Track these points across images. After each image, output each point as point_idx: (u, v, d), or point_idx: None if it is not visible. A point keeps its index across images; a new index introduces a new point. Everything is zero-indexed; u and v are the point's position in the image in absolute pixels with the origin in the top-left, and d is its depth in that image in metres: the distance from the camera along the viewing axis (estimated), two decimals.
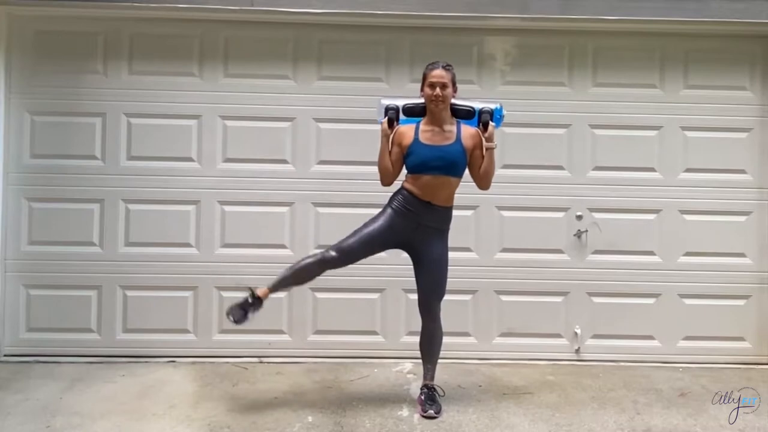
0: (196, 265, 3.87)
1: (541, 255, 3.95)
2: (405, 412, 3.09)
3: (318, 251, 3.05)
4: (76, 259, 3.83)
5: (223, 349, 3.86)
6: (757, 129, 3.98)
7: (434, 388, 3.13)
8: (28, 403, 3.14)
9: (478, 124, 3.05)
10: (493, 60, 3.96)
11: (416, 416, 3.03)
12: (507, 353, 3.92)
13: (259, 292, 3.02)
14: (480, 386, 3.47)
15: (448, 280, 3.86)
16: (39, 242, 3.83)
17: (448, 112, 3.04)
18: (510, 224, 3.94)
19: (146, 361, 3.75)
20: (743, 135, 3.98)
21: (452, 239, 3.79)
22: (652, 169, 3.97)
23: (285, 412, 3.06)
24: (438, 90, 2.96)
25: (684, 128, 3.97)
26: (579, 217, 3.95)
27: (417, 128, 3.04)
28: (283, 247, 3.90)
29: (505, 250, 3.95)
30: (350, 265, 3.08)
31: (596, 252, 3.96)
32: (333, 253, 2.97)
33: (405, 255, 3.17)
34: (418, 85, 3.89)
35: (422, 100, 3.06)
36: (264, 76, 3.90)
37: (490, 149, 3.00)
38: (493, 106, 3.07)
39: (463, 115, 3.08)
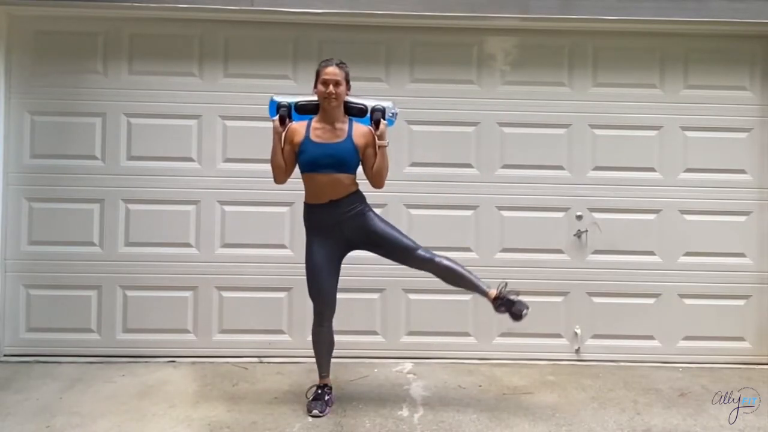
0: (196, 265, 3.87)
1: (541, 255, 3.95)
2: (405, 412, 3.09)
3: (314, 320, 3.11)
4: (76, 259, 3.84)
5: (223, 349, 3.86)
6: (757, 129, 3.98)
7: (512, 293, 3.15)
8: (28, 403, 3.14)
9: (371, 122, 3.05)
10: (493, 60, 3.96)
11: (416, 416, 3.03)
12: (507, 353, 3.92)
13: (318, 381, 3.15)
14: (480, 386, 3.47)
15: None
16: (39, 242, 3.83)
17: (341, 110, 3.04)
18: (510, 224, 3.95)
19: (146, 361, 3.75)
20: (743, 135, 3.98)
21: (452, 239, 3.81)
22: (652, 169, 3.97)
23: (285, 412, 3.06)
24: (331, 87, 2.95)
25: (684, 128, 3.97)
26: (579, 217, 3.95)
27: (309, 126, 3.03)
28: (283, 247, 3.90)
29: (505, 250, 3.95)
30: (349, 265, 3.12)
31: (596, 252, 3.96)
32: (319, 308, 3.06)
33: None
34: (419, 86, 3.93)
35: (315, 98, 3.05)
36: (264, 76, 3.90)
37: (382, 147, 2.99)
38: (385, 104, 3.06)
39: (355, 112, 3.07)
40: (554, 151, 3.96)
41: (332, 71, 2.97)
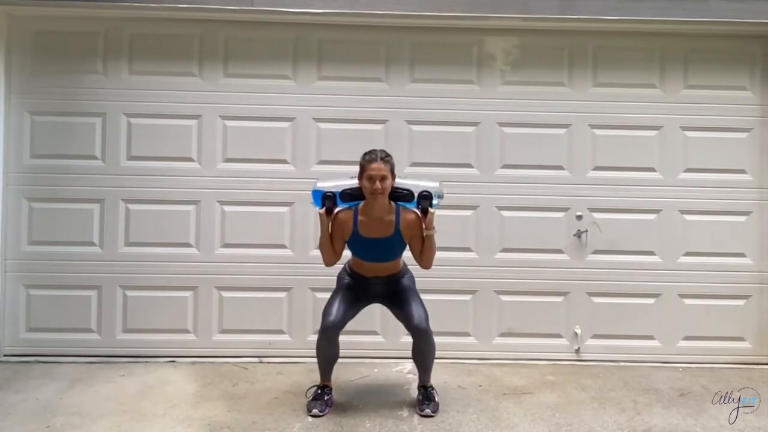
0: (196, 265, 3.87)
1: (541, 255, 3.95)
2: (405, 412, 3.09)
3: (320, 332, 3.08)
4: (76, 259, 3.84)
5: (223, 349, 3.86)
6: (757, 129, 3.98)
7: (430, 388, 3.13)
8: (28, 403, 3.14)
9: (417, 207, 3.04)
10: (493, 60, 3.96)
11: (416, 416, 3.03)
12: (507, 353, 3.92)
13: (322, 383, 3.15)
14: (480, 386, 3.47)
15: (449, 280, 3.90)
16: (39, 242, 3.83)
17: (386, 202, 3.03)
18: (510, 224, 3.95)
19: (146, 361, 3.76)
20: (743, 135, 3.98)
21: (452, 239, 3.82)
22: (652, 169, 3.97)
23: (285, 412, 3.06)
24: (378, 183, 2.93)
25: (684, 128, 3.97)
26: (579, 217, 3.95)
27: (355, 217, 3.04)
28: (283, 247, 3.90)
29: (505, 250, 3.95)
30: None
31: (596, 252, 3.96)
32: (328, 325, 3.01)
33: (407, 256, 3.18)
34: (419, 86, 3.94)
35: (357, 183, 3.03)
36: (264, 76, 3.90)
37: (429, 236, 3.01)
38: (432, 186, 3.04)
39: (402, 198, 3.06)
40: (554, 151, 3.96)
41: (377, 167, 2.94)
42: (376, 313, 3.87)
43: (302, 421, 2.96)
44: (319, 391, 3.11)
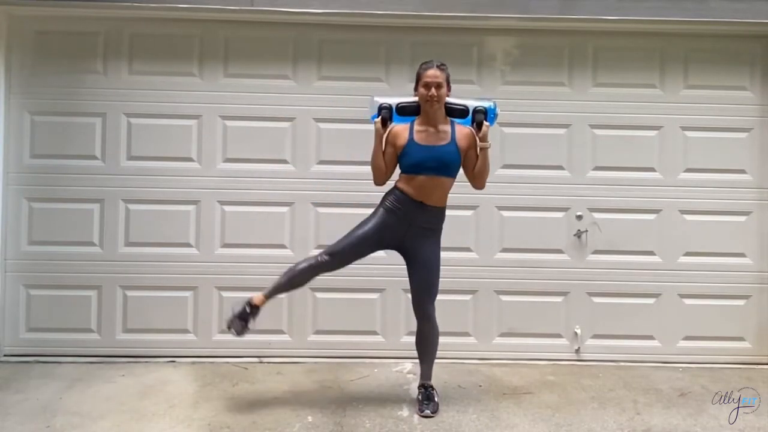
0: (196, 265, 3.87)
1: (541, 255, 3.95)
2: (405, 412, 3.09)
3: (313, 254, 3.04)
4: (76, 259, 3.84)
5: (223, 349, 3.86)
6: (757, 129, 3.98)
7: (431, 387, 3.13)
8: (28, 403, 3.14)
9: (472, 123, 3.04)
10: (493, 60, 3.96)
11: (416, 416, 3.03)
12: (507, 353, 3.92)
13: (255, 300, 3.02)
14: (480, 386, 3.47)
15: (449, 280, 3.87)
16: (39, 242, 3.83)
17: (443, 112, 3.03)
18: (510, 224, 3.95)
19: (146, 361, 3.75)
20: (743, 135, 3.98)
21: (452, 239, 3.80)
22: (652, 169, 3.97)
23: (285, 412, 3.06)
24: (433, 90, 2.94)
25: (684, 128, 3.97)
26: (579, 217, 3.95)
27: (411, 128, 3.02)
28: (283, 247, 3.90)
29: (505, 250, 3.95)
30: (350, 265, 3.09)
31: (596, 252, 3.96)
32: (326, 257, 2.99)
33: None
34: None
35: (416, 99, 3.04)
36: (264, 76, 3.90)
37: (484, 149, 3.01)
38: (486, 104, 3.05)
39: (457, 114, 3.06)
40: (554, 151, 3.96)
41: (433, 74, 2.95)
42: (376, 313, 3.87)
43: (302, 421, 2.96)
44: (248, 310, 2.99)
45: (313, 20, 3.82)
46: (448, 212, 3.60)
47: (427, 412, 3.02)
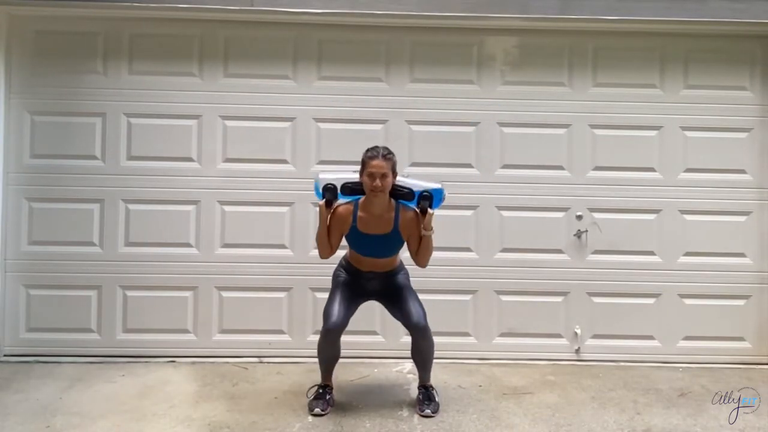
0: (196, 265, 3.87)
1: (541, 255, 3.95)
2: (405, 412, 3.09)
3: (322, 332, 3.06)
4: (76, 259, 3.84)
5: (223, 349, 3.86)
6: (757, 129, 3.98)
7: (431, 388, 3.13)
8: (28, 403, 3.14)
9: (417, 206, 3.03)
10: (493, 60, 3.96)
11: (416, 416, 3.03)
12: (507, 353, 3.92)
13: (323, 383, 3.15)
14: (480, 386, 3.47)
15: (449, 280, 3.90)
16: (39, 242, 3.83)
17: (386, 199, 3.01)
18: (510, 224, 3.95)
19: (146, 361, 3.76)
20: (743, 135, 3.98)
21: (452, 239, 3.82)
22: (652, 169, 3.97)
23: (285, 412, 3.06)
24: (378, 181, 2.91)
25: (684, 128, 3.97)
26: (579, 217, 3.95)
27: (355, 212, 3.03)
28: (283, 247, 3.90)
29: (505, 250, 3.95)
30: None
31: (596, 252, 3.96)
32: (329, 326, 3.00)
33: (404, 256, 3.18)
34: (419, 86, 3.94)
35: (359, 178, 3.02)
36: (264, 76, 3.90)
37: (426, 236, 3.00)
38: (434, 187, 3.03)
39: (402, 196, 3.05)
40: (554, 151, 3.96)
41: (378, 164, 2.92)
42: (376, 313, 3.87)
43: (302, 421, 2.96)
44: (321, 391, 3.11)
45: (313, 20, 3.82)
46: (448, 212, 3.63)
47: (428, 411, 3.03)
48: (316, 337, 3.12)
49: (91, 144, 3.85)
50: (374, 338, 3.91)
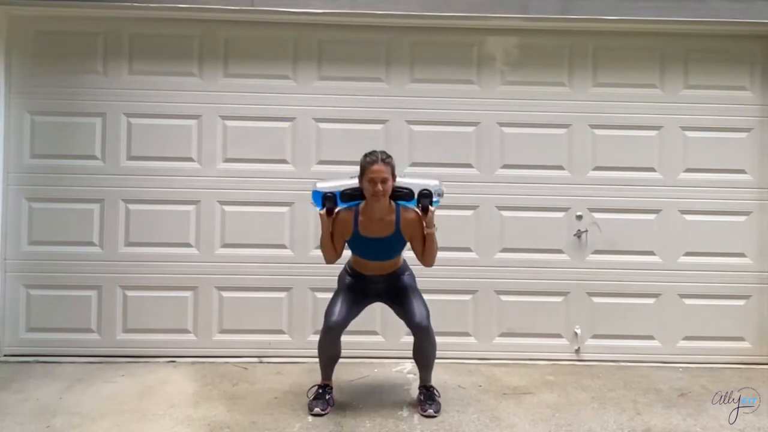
0: (196, 265, 3.87)
1: (541, 255, 3.95)
2: (405, 412, 3.09)
3: (323, 330, 3.06)
4: (76, 259, 3.84)
5: (223, 349, 3.86)
6: (757, 129, 3.98)
7: (432, 388, 3.13)
8: (28, 403, 3.14)
9: (418, 205, 3.03)
10: (493, 60, 3.96)
11: (416, 416, 3.03)
12: (507, 353, 3.92)
13: (323, 383, 3.15)
14: (480, 386, 3.47)
15: (449, 280, 3.90)
16: (39, 242, 3.83)
17: (387, 201, 3.01)
18: (510, 224, 3.95)
19: (146, 361, 3.76)
20: (743, 135, 3.98)
21: (452, 239, 3.82)
22: (652, 169, 3.97)
23: (285, 412, 3.06)
24: (379, 186, 2.92)
25: (684, 128, 3.97)
26: (579, 217, 3.95)
27: (356, 217, 3.03)
28: (283, 247, 3.90)
29: (505, 250, 3.95)
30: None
31: (596, 252, 3.96)
32: (330, 325, 3.01)
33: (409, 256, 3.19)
34: (419, 86, 3.94)
35: (358, 185, 3.02)
36: (264, 76, 3.90)
37: (430, 234, 3.00)
38: (432, 185, 3.01)
39: (402, 197, 3.04)
40: (554, 151, 3.96)
41: (378, 169, 2.92)
42: (376, 313, 3.87)
43: (302, 421, 2.96)
44: (320, 391, 3.11)
45: (313, 20, 3.82)
46: (448, 212, 3.63)
47: (430, 411, 3.03)
48: (316, 337, 3.12)
49: (91, 144, 3.85)
50: (374, 338, 3.91)
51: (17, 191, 3.83)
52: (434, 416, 3.01)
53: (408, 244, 3.10)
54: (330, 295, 3.84)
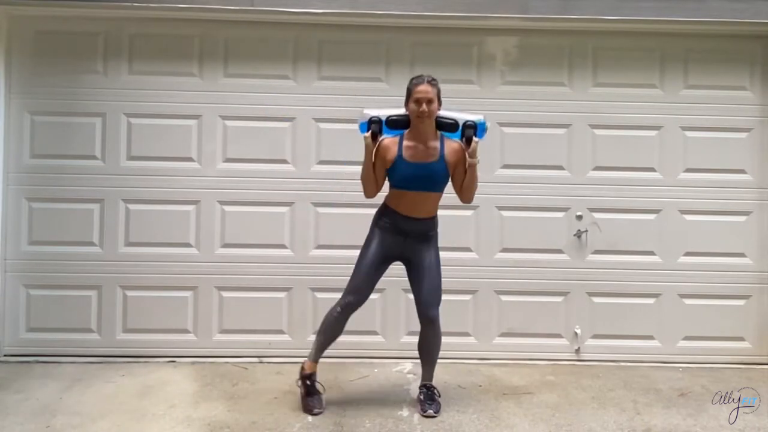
0: (196, 265, 3.87)
1: (541, 255, 3.95)
2: (405, 412, 3.09)
3: (337, 305, 3.05)
4: (76, 259, 3.84)
5: (223, 349, 3.86)
6: (757, 129, 3.98)
7: (433, 388, 3.13)
8: (28, 403, 3.14)
9: (462, 138, 3.02)
10: (493, 60, 3.96)
11: (416, 416, 3.03)
12: (507, 353, 3.92)
13: (306, 368, 3.11)
14: (480, 386, 3.47)
15: (449, 280, 3.86)
16: (39, 242, 3.83)
17: (433, 127, 3.02)
18: (510, 224, 3.95)
19: (146, 361, 3.76)
20: (743, 135, 3.98)
21: (452, 239, 3.81)
22: (652, 169, 3.97)
23: (285, 412, 3.06)
24: (424, 106, 2.91)
25: (684, 128, 3.97)
26: (579, 217, 3.95)
27: (401, 143, 3.02)
28: (283, 247, 3.90)
29: (505, 250, 3.95)
30: (351, 266, 3.10)
31: (596, 252, 3.96)
32: (349, 298, 3.02)
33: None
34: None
35: (405, 113, 3.03)
36: (264, 76, 3.90)
37: (472, 165, 2.99)
38: (476, 119, 3.02)
39: (447, 128, 3.04)
40: (554, 151, 3.96)
41: (424, 89, 2.92)
42: (376, 313, 3.87)
43: (302, 421, 2.96)
44: (309, 383, 3.09)
45: (313, 20, 3.82)
46: (448, 212, 3.62)
47: (431, 411, 3.03)
48: (328, 311, 3.09)
49: (91, 144, 3.85)
50: (374, 338, 3.91)
51: (17, 191, 3.83)
52: (434, 416, 3.01)
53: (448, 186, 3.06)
54: (330, 295, 3.85)
